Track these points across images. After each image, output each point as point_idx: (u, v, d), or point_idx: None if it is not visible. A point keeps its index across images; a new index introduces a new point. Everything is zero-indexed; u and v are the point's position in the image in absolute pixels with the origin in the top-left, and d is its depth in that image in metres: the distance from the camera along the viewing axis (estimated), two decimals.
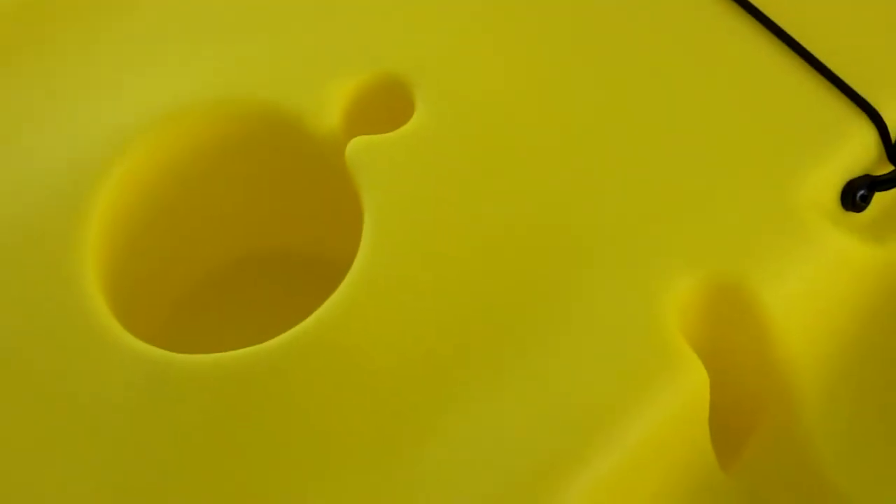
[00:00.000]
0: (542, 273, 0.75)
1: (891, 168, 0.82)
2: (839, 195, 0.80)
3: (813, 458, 0.78)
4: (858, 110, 0.81)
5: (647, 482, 0.73)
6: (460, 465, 0.69)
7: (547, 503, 0.67)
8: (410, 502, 0.68)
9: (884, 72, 0.84)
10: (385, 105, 0.82)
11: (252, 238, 0.90)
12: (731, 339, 0.77)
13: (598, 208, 0.78)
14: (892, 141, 0.82)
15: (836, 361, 0.80)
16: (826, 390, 0.79)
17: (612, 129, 0.81)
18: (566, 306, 0.74)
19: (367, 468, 0.68)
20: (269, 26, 0.87)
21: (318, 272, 0.80)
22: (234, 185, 0.88)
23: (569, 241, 0.76)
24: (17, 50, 0.90)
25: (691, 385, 0.72)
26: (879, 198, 0.82)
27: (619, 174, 0.79)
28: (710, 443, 0.76)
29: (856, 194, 0.80)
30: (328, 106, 0.81)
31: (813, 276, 0.78)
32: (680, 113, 0.82)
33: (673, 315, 0.73)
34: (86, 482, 0.70)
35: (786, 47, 0.84)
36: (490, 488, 0.68)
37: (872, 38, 0.86)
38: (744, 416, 0.80)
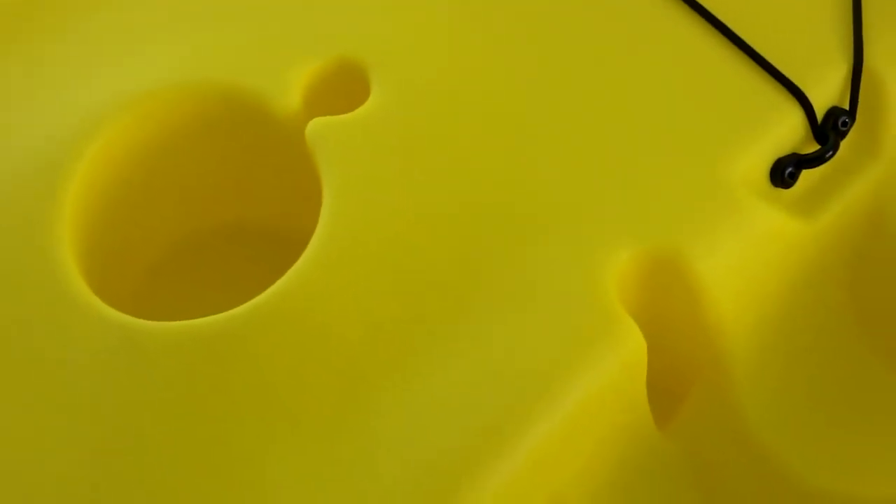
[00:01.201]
0: (490, 246, 0.76)
1: (817, 147, 0.83)
2: (769, 172, 0.82)
3: (743, 418, 0.80)
4: (787, 93, 0.83)
5: (588, 440, 0.75)
6: (413, 426, 0.70)
7: (495, 459, 0.69)
8: (367, 459, 0.69)
9: (811, 57, 0.85)
10: (342, 88, 0.83)
11: (218, 213, 0.90)
12: (668, 307, 0.79)
13: (544, 185, 0.79)
14: (818, 122, 0.83)
15: (764, 328, 0.82)
16: (755, 355, 0.81)
17: (557, 111, 0.83)
18: (513, 277, 0.75)
19: (325, 428, 0.70)
20: (233, 14, 0.88)
21: (281, 244, 0.82)
22: (202, 163, 0.88)
23: (516, 216, 0.78)
24: None
25: (629, 350, 0.74)
26: (806, 175, 0.83)
27: (563, 153, 0.81)
28: (647, 403, 0.78)
29: (784, 172, 0.82)
30: (289, 89, 0.82)
31: (744, 248, 0.79)
32: (621, 97, 0.84)
33: (613, 284, 0.75)
34: (59, 444, 0.70)
35: (720, 35, 0.85)
36: (441, 446, 0.69)
37: (801, 26, 0.87)
38: (679, 378, 0.82)
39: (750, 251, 0.80)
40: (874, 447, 0.81)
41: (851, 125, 0.84)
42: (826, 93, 0.84)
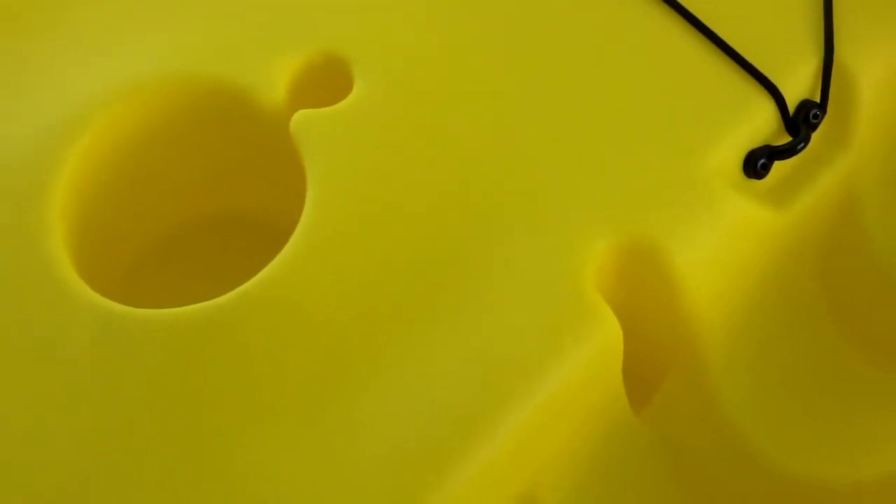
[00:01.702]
0: (470, 236, 0.77)
1: (789, 139, 0.83)
2: (742, 164, 0.82)
3: (717, 404, 0.81)
4: (760, 87, 0.83)
5: (565, 425, 0.76)
6: (395, 412, 0.71)
7: (475, 444, 0.70)
8: (349, 444, 0.70)
9: (783, 52, 0.86)
10: (326, 81, 0.83)
11: (205, 203, 0.91)
12: (643, 295, 0.79)
13: (523, 177, 0.80)
14: (790, 114, 0.84)
15: (738, 315, 0.83)
16: (729, 342, 0.82)
17: (536, 104, 0.83)
18: (493, 266, 0.76)
19: (308, 413, 0.70)
20: (220, 10, 0.88)
21: (266, 234, 0.82)
22: (189, 154, 0.88)
23: (496, 207, 0.78)
24: None
25: (606, 337, 0.75)
26: (779, 166, 0.83)
27: (542, 145, 0.81)
28: (623, 389, 0.79)
29: (757, 163, 0.82)
30: (274, 82, 0.83)
31: (718, 238, 0.80)
32: (598, 90, 0.84)
33: (590, 273, 0.76)
34: (48, 427, 0.71)
35: (695, 31, 0.86)
36: (422, 432, 0.70)
37: (773, 21, 0.87)
38: (655, 365, 0.82)
39: (724, 240, 0.80)
40: (845, 432, 0.82)
41: (822, 117, 0.85)
42: (798, 86, 0.85)
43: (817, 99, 0.85)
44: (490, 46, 0.86)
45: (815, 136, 0.85)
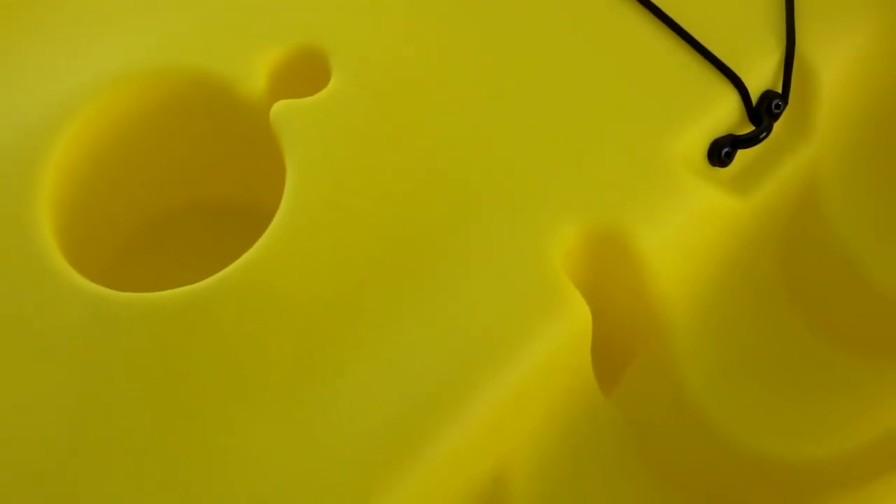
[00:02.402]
0: (445, 221, 0.78)
1: (752, 129, 0.85)
2: (706, 152, 0.84)
3: (682, 384, 0.83)
4: (724, 78, 0.84)
5: (536, 404, 0.77)
6: (369, 390, 0.72)
7: (448, 422, 0.71)
8: (326, 420, 0.71)
9: (746, 44, 0.87)
10: (305, 73, 0.84)
11: (188, 190, 0.91)
12: (611, 279, 0.81)
13: (496, 164, 0.81)
14: (753, 105, 0.85)
15: (702, 298, 0.84)
16: (694, 324, 0.83)
17: (507, 95, 0.84)
18: (467, 251, 0.77)
19: (286, 391, 0.72)
20: (204, 3, 0.89)
21: (247, 220, 0.83)
22: (174, 143, 0.89)
23: (470, 194, 0.79)
24: None
25: (575, 319, 0.76)
26: (742, 154, 0.85)
27: (514, 134, 0.82)
28: (591, 371, 0.80)
29: (721, 151, 0.83)
30: (254, 73, 0.83)
31: (683, 224, 0.81)
32: (568, 81, 0.85)
33: (559, 257, 0.77)
34: (34, 407, 0.72)
35: (661, 24, 0.86)
36: (395, 409, 0.71)
37: (737, 14, 0.88)
38: (622, 347, 0.84)
39: (689, 226, 0.82)
40: (804, 412, 0.83)
41: (784, 108, 0.86)
42: (760, 77, 0.86)
43: (779, 90, 0.86)
44: (462, 41, 0.87)
45: (777, 125, 0.86)
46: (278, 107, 0.82)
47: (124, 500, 0.70)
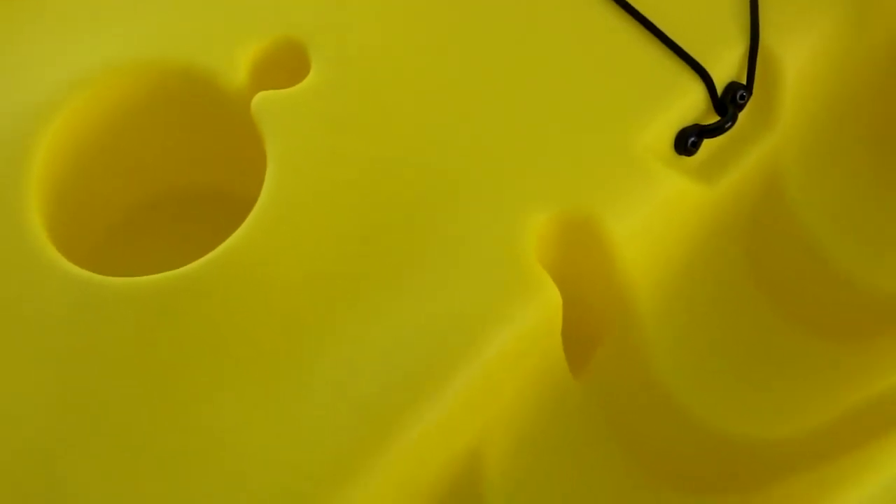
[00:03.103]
0: (421, 210, 0.79)
1: (717, 119, 0.86)
2: (673, 142, 0.85)
3: (649, 367, 0.84)
4: (690, 70, 0.85)
5: (508, 386, 0.78)
6: (348, 371, 0.73)
7: (423, 402, 0.72)
8: (306, 400, 0.72)
9: (712, 36, 0.88)
10: (285, 64, 0.85)
11: (172, 178, 0.92)
12: (581, 264, 0.81)
13: (470, 154, 0.82)
14: (718, 95, 0.86)
15: (669, 284, 0.86)
16: (661, 309, 0.85)
17: (483, 87, 0.85)
18: (442, 238, 0.78)
19: (268, 372, 0.73)
20: None
21: (229, 207, 0.83)
22: (157, 134, 0.90)
23: (444, 181, 0.80)
24: None
25: (547, 304, 0.77)
26: (708, 144, 0.86)
27: (487, 125, 0.83)
28: (562, 353, 0.81)
29: (687, 141, 0.84)
30: (236, 66, 0.84)
31: (651, 211, 0.82)
32: (540, 73, 0.86)
33: (531, 244, 0.78)
34: (22, 390, 0.73)
35: (629, 17, 0.88)
36: (373, 390, 0.72)
37: (702, 7, 0.89)
38: (592, 330, 0.84)
39: (656, 213, 0.82)
40: (769, 393, 0.85)
41: (749, 98, 0.87)
42: (725, 69, 0.87)
43: (744, 81, 0.87)
44: (438, 34, 0.88)
45: (741, 115, 0.87)
46: (259, 98, 0.83)
47: (109, 482, 0.70)
